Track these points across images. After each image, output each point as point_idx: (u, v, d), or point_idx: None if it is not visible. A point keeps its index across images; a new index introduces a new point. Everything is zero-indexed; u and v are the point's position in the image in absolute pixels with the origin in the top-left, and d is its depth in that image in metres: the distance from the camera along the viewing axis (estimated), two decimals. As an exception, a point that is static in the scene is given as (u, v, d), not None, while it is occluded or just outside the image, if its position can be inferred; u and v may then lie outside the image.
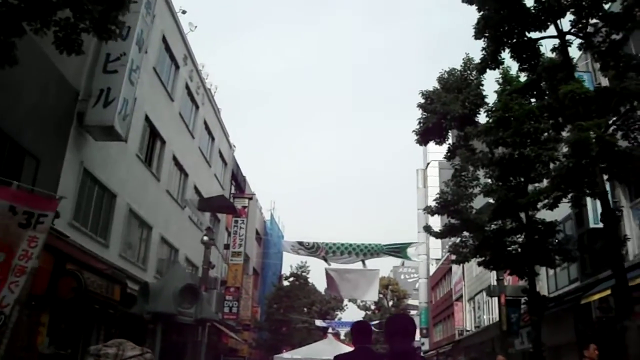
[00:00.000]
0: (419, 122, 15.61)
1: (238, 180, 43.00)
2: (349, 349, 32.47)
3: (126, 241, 22.30)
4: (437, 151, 69.21)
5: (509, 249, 15.60)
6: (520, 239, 15.53)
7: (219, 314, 35.77)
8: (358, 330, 5.45)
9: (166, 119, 26.49)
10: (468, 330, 40.13)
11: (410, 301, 70.76)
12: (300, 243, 27.91)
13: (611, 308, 16.85)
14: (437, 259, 59.00)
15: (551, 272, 23.58)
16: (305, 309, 52.46)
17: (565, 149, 12.28)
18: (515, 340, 22.10)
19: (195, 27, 30.28)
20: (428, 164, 65.15)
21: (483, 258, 16.66)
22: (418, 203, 63.64)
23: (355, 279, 28.21)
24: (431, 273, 60.17)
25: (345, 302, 71.01)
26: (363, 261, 28.20)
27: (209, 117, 34.67)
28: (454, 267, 45.82)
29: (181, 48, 28.63)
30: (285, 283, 54.38)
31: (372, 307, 68.52)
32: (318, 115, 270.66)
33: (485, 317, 35.38)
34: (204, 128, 33.95)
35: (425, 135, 15.68)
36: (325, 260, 28.10)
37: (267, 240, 58.15)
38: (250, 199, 40.57)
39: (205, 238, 19.75)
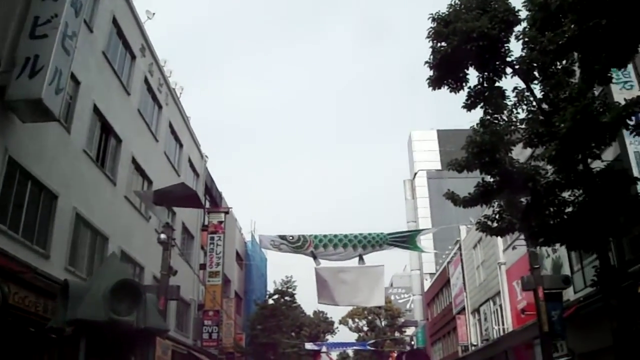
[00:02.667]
0: (432, 53, 11.62)
1: (213, 195, 39.23)
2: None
3: (74, 253, 18.48)
4: (424, 160, 66.96)
5: (567, 211, 11.84)
6: (578, 197, 11.68)
7: (198, 342, 31.75)
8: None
9: (121, 114, 23.00)
10: (475, 345, 36.32)
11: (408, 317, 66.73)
12: (283, 237, 22.01)
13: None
14: (431, 274, 55.35)
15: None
16: (293, 333, 48.40)
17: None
18: (558, 343, 18.18)
19: (153, 13, 26.82)
20: (415, 174, 61.80)
21: (525, 230, 12.92)
22: (407, 215, 60.25)
23: (354, 280, 22.43)
24: (425, 289, 56.38)
25: (336, 324, 67.27)
26: (361, 256, 22.04)
27: (176, 121, 31.05)
28: (453, 278, 42.22)
29: (137, 37, 25.27)
30: (270, 302, 49.94)
31: (365, 328, 64.52)
32: (305, 145, 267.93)
33: (495, 328, 31.66)
34: (170, 132, 30.33)
35: (441, 71, 11.64)
36: (314, 257, 22.01)
37: (250, 263, 54.24)
38: (227, 213, 36.69)
39: (163, 236, 16.01)
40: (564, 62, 11.52)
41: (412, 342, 55.68)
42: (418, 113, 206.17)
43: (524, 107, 12.33)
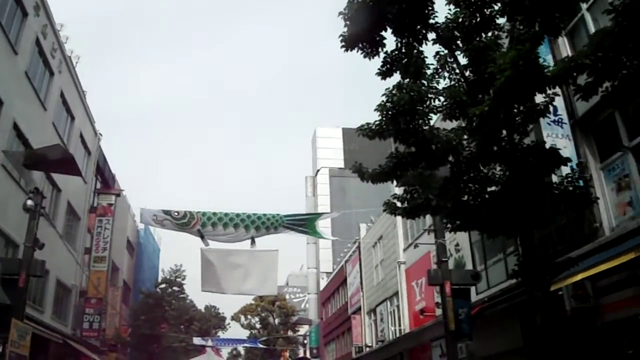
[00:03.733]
0: (348, 2, 10.04)
1: (105, 176, 36.73)
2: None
3: None
4: (328, 157, 66.31)
5: (489, 190, 10.80)
6: (503, 174, 10.61)
7: (77, 331, 29.42)
8: None
9: (5, 74, 20.65)
10: (369, 346, 35.68)
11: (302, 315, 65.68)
12: (167, 212, 19.03)
13: (589, 296, 12.96)
14: (327, 273, 54.66)
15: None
16: (182, 326, 46.13)
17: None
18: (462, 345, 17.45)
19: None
20: (318, 170, 61.01)
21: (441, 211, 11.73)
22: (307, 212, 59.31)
23: (245, 265, 19.69)
24: (322, 288, 55.62)
25: (228, 320, 65.11)
26: (253, 239, 19.41)
27: (68, 91, 28.66)
28: (350, 277, 41.59)
29: (32, -6, 22.87)
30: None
31: (258, 325, 63.06)
32: (212, 140, 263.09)
33: (391, 328, 31.11)
34: (61, 102, 27.96)
35: (356, 26, 10.09)
36: (202, 237, 19.18)
37: (141, 252, 51.72)
38: (118, 195, 34.38)
39: (30, 202, 14.06)
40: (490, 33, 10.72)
41: (305, 341, 54.64)
42: (331, 110, 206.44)
43: (446, 74, 11.31)
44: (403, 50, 10.72)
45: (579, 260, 11.28)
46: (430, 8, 10.26)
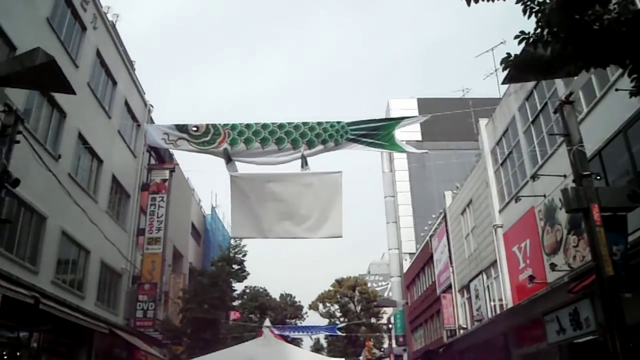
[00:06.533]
0: None
1: (160, 153, 33.49)
2: (299, 351, 22.95)
3: None
4: (404, 130, 61.16)
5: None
6: None
7: (131, 321, 26.18)
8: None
9: (22, 19, 17.48)
10: (464, 328, 31.03)
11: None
12: (182, 127, 13.43)
13: None
14: (410, 254, 50.09)
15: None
16: (252, 315, 42.27)
17: None
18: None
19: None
20: (395, 144, 56.36)
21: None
22: (385, 190, 54.81)
23: (295, 195, 13.44)
24: (405, 270, 51.09)
25: (305, 309, 61.47)
26: (304, 158, 13.39)
27: (106, 51, 25.35)
28: (437, 253, 36.97)
29: None
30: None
31: (338, 313, 59.14)
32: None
33: (490, 305, 26.45)
34: (99, 63, 24.65)
35: None
36: (229, 159, 13.29)
37: (208, 239, 48.76)
38: (173, 170, 30.81)
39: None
40: None
41: (390, 326, 50.28)
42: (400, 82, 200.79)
43: None
44: None
45: None
46: None
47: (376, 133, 13.56)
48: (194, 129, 13.10)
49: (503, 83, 10.19)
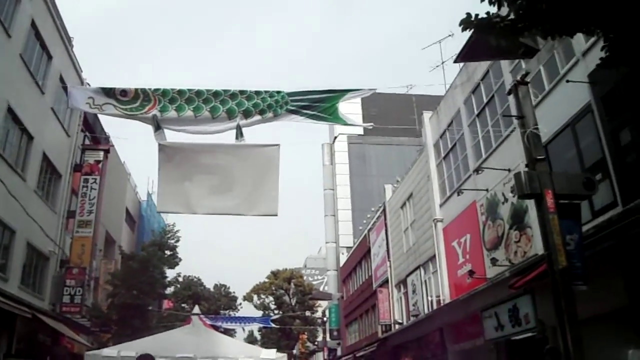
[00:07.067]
0: None
1: (96, 134, 32.19)
2: (230, 341, 22.22)
3: None
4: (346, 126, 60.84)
5: None
6: None
7: (57, 306, 25.06)
8: None
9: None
10: (399, 323, 31.01)
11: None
12: (109, 91, 11.86)
13: None
14: (348, 247, 50.04)
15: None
16: (184, 305, 41.27)
17: None
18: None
19: None
20: (335, 137, 56.12)
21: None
22: (324, 183, 54.65)
23: (228, 167, 12.13)
24: (342, 264, 50.99)
25: (240, 300, 60.75)
26: (239, 128, 11.94)
27: (42, 23, 24.02)
28: (375, 246, 36.90)
29: None
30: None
31: (272, 305, 58.61)
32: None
33: (428, 299, 26.43)
34: (33, 34, 23.37)
35: None
36: (158, 126, 11.86)
37: (143, 227, 47.44)
38: (107, 151, 29.56)
39: None
40: None
41: (325, 319, 50.14)
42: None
43: None
44: None
45: None
46: None
47: (318, 105, 12.37)
48: (122, 93, 11.87)
49: (455, 61, 10.03)
